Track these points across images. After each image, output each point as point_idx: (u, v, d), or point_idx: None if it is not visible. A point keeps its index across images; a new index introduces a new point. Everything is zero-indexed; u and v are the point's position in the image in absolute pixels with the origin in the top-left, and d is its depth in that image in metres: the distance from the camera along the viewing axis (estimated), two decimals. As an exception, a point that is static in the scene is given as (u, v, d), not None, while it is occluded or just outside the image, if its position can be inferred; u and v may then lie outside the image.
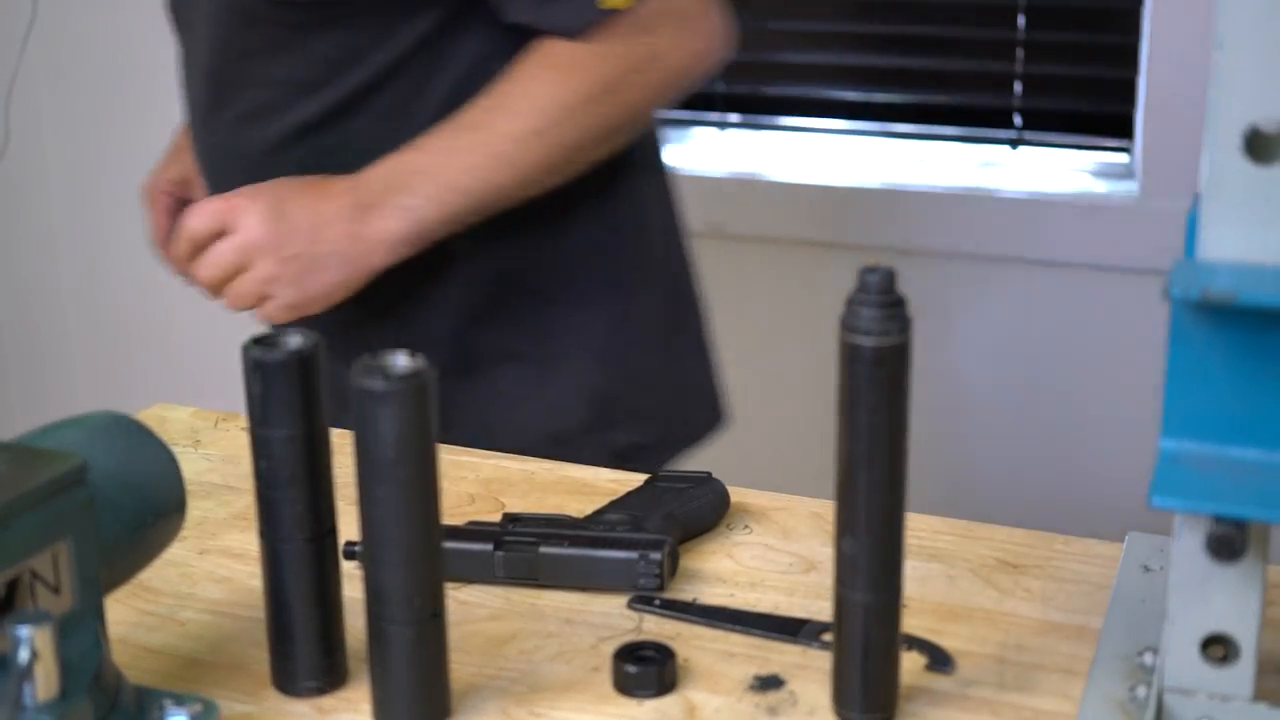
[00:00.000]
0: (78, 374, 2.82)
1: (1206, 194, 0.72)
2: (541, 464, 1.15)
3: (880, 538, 0.79)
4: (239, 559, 1.02)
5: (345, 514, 0.85)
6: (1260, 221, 0.71)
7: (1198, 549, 0.75)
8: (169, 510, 0.84)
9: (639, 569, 0.94)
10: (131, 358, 2.76)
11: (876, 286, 0.76)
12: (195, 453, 1.19)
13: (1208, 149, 0.71)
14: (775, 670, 0.87)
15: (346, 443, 0.79)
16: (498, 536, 0.97)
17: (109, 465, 0.79)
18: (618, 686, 0.86)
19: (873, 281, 0.76)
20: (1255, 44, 0.69)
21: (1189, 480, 0.74)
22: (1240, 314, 0.72)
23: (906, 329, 0.76)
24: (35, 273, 2.80)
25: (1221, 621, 0.76)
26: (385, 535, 0.78)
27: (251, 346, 0.82)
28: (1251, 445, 0.74)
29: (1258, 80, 0.69)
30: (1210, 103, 0.70)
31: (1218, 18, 0.69)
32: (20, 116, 2.69)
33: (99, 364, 2.80)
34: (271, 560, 0.84)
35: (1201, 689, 0.78)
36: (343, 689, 0.86)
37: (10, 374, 2.88)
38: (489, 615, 0.94)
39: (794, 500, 1.08)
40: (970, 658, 0.88)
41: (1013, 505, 2.13)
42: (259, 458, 0.83)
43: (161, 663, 0.89)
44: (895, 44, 2.22)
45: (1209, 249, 0.73)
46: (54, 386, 2.85)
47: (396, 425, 0.76)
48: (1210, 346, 0.73)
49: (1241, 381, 0.73)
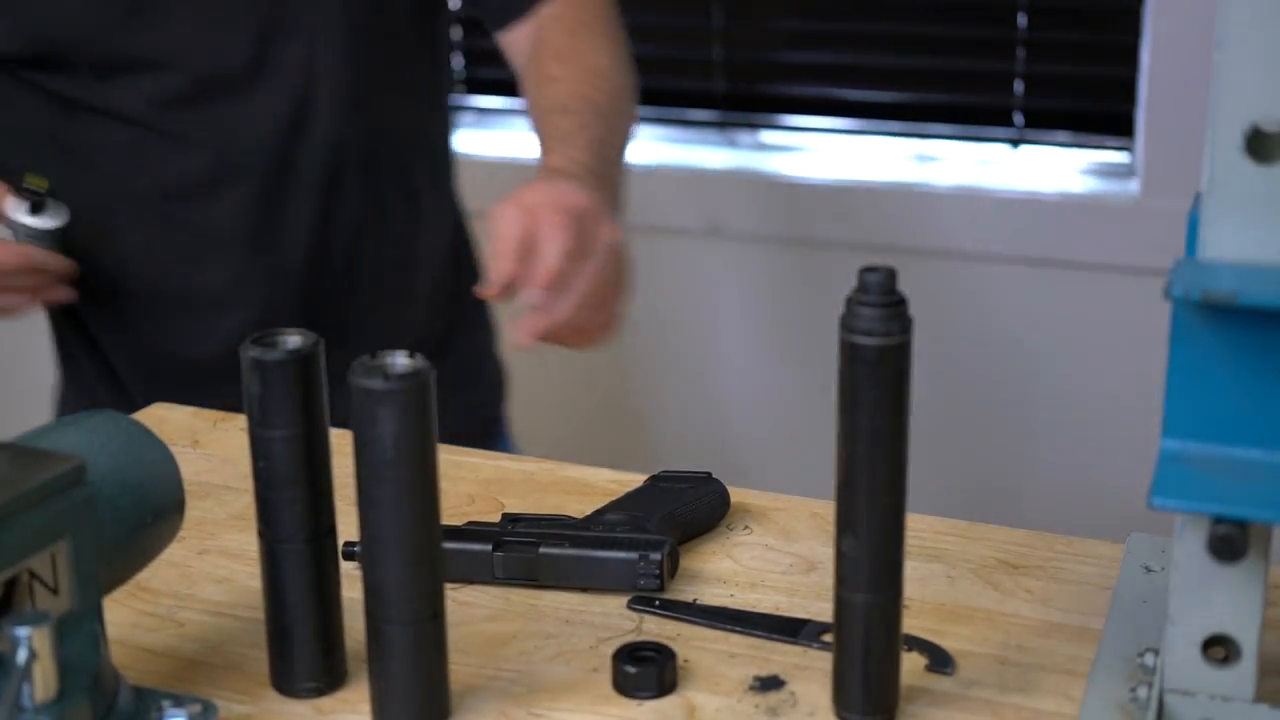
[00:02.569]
0: (77, 373, 2.82)
1: (1207, 193, 0.72)
2: (541, 464, 1.15)
3: (881, 538, 0.78)
4: (238, 559, 1.01)
5: (345, 514, 0.85)
6: (1261, 221, 0.71)
7: (1199, 550, 0.75)
8: (168, 510, 0.83)
9: (639, 569, 0.94)
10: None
11: (876, 286, 0.76)
12: (194, 453, 1.18)
13: (1209, 148, 0.71)
14: (775, 671, 0.87)
15: (346, 443, 0.79)
16: (497, 537, 0.97)
17: (108, 465, 0.79)
18: (617, 687, 0.85)
19: (873, 281, 0.76)
20: (1256, 43, 0.69)
21: (1190, 481, 0.73)
22: (1241, 314, 0.72)
23: (907, 329, 0.76)
24: (35, 272, 2.80)
25: (1223, 622, 0.76)
26: (385, 535, 0.78)
27: (250, 346, 0.81)
28: (1253, 446, 0.74)
29: (1259, 79, 0.69)
30: (1211, 102, 0.70)
31: (1218, 17, 0.69)
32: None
33: (98, 363, 2.80)
34: (270, 560, 0.84)
35: (1202, 690, 0.78)
36: (342, 690, 0.86)
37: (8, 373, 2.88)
38: (488, 616, 0.94)
39: (794, 500, 1.07)
40: (971, 658, 0.88)
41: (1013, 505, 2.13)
42: (258, 458, 0.82)
43: (160, 663, 0.89)
44: (895, 43, 2.22)
45: (1210, 249, 0.73)
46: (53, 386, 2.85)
47: (396, 425, 0.76)
48: (1211, 347, 0.73)
49: (1243, 382, 0.73)
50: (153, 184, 1.39)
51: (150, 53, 1.35)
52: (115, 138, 1.37)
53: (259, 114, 1.38)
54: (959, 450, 2.17)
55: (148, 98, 1.36)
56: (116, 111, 1.36)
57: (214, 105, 1.37)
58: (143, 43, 1.34)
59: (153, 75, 1.35)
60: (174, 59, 1.36)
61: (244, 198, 1.40)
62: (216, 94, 1.37)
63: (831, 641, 0.82)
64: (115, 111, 1.36)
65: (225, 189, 1.40)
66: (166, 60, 1.35)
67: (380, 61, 1.43)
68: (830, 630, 0.83)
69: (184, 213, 1.41)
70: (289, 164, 1.40)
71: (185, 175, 1.39)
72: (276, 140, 1.39)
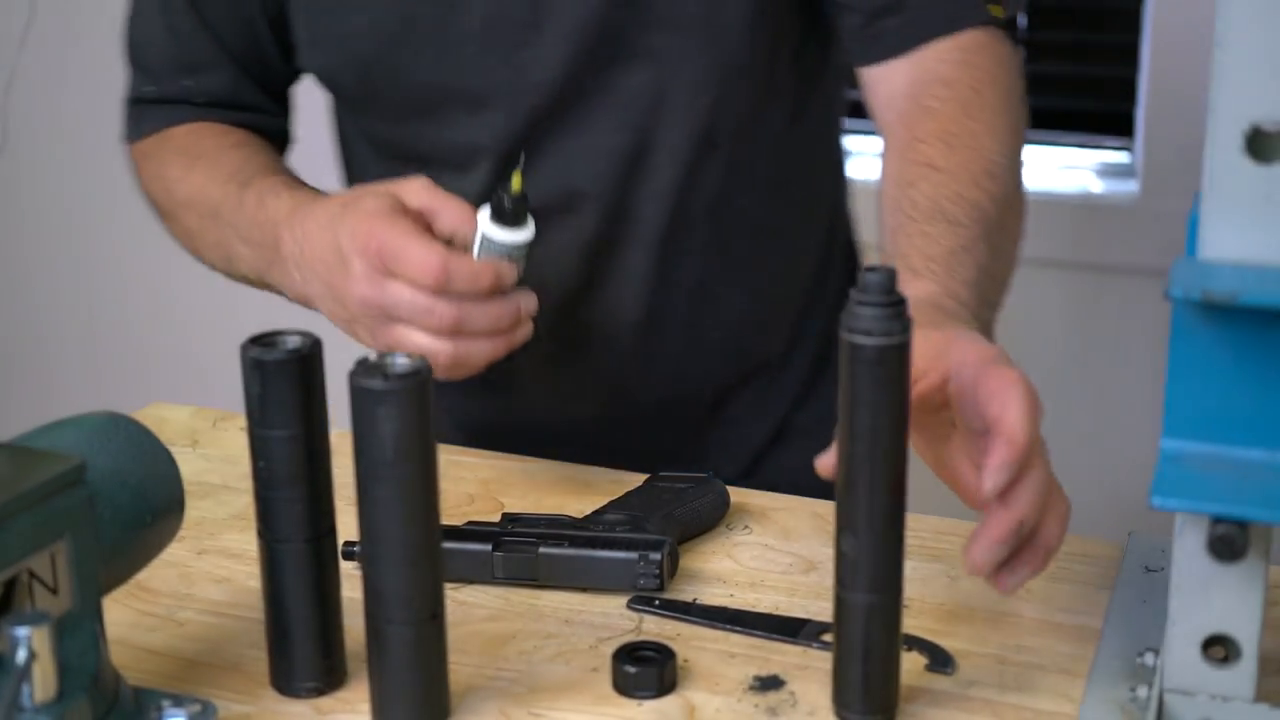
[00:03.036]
0: (75, 373, 2.82)
1: (1207, 193, 0.72)
2: (541, 464, 1.15)
3: (880, 538, 0.78)
4: (237, 559, 1.01)
5: (344, 514, 0.85)
6: (1261, 221, 0.71)
7: (1199, 549, 0.75)
8: (167, 510, 0.83)
9: (639, 569, 0.94)
10: (129, 357, 2.76)
11: (877, 286, 0.76)
12: (193, 453, 1.18)
13: (1209, 148, 0.71)
14: (775, 671, 0.87)
15: (346, 443, 0.79)
16: (497, 537, 0.97)
17: (107, 465, 0.79)
18: (617, 687, 0.85)
19: (873, 281, 0.76)
20: (1256, 43, 0.69)
21: (1190, 481, 0.73)
22: (1241, 314, 0.72)
23: (907, 329, 0.76)
24: (33, 272, 2.80)
25: (1223, 622, 0.76)
26: (384, 535, 0.78)
27: (250, 346, 0.81)
28: (1253, 445, 0.74)
29: (1259, 79, 0.69)
30: (1211, 102, 0.70)
31: (1218, 17, 0.69)
32: (18, 115, 2.69)
33: (97, 363, 2.80)
34: (270, 561, 0.84)
35: (1202, 690, 0.78)
36: (341, 690, 0.86)
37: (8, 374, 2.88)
38: (488, 616, 0.94)
39: (794, 500, 1.07)
40: (971, 658, 0.88)
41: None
42: (257, 458, 0.82)
43: (160, 663, 0.89)
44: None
45: (1210, 248, 0.73)
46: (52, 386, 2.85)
47: (396, 425, 0.76)
48: (1211, 346, 0.73)
49: (1243, 381, 0.73)
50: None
51: (472, 84, 1.14)
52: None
53: (591, 151, 1.15)
54: (959, 450, 2.16)
55: (466, 136, 1.16)
56: (432, 151, 1.17)
57: (541, 141, 1.14)
58: (463, 72, 1.14)
59: (482, 112, 1.15)
60: (496, 90, 1.14)
61: (571, 248, 1.17)
62: (545, 128, 1.14)
63: (831, 641, 0.82)
64: (430, 152, 1.17)
65: (552, 235, 1.12)
66: (487, 91, 1.14)
67: (749, 93, 1.16)
68: (830, 630, 0.83)
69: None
70: (624, 210, 1.17)
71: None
72: (610, 181, 1.16)
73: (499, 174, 1.14)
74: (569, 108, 1.14)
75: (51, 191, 2.74)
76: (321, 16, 1.17)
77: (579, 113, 1.14)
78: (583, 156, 1.15)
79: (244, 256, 1.11)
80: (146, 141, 1.25)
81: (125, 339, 2.76)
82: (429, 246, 0.94)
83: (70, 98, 2.66)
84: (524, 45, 1.12)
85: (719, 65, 1.13)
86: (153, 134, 1.24)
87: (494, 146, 1.15)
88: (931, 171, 1.03)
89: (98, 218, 2.71)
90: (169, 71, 1.24)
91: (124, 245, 2.70)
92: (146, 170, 1.24)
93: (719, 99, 1.14)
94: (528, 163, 1.01)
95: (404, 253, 0.94)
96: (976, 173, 1.03)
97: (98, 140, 2.66)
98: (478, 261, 0.96)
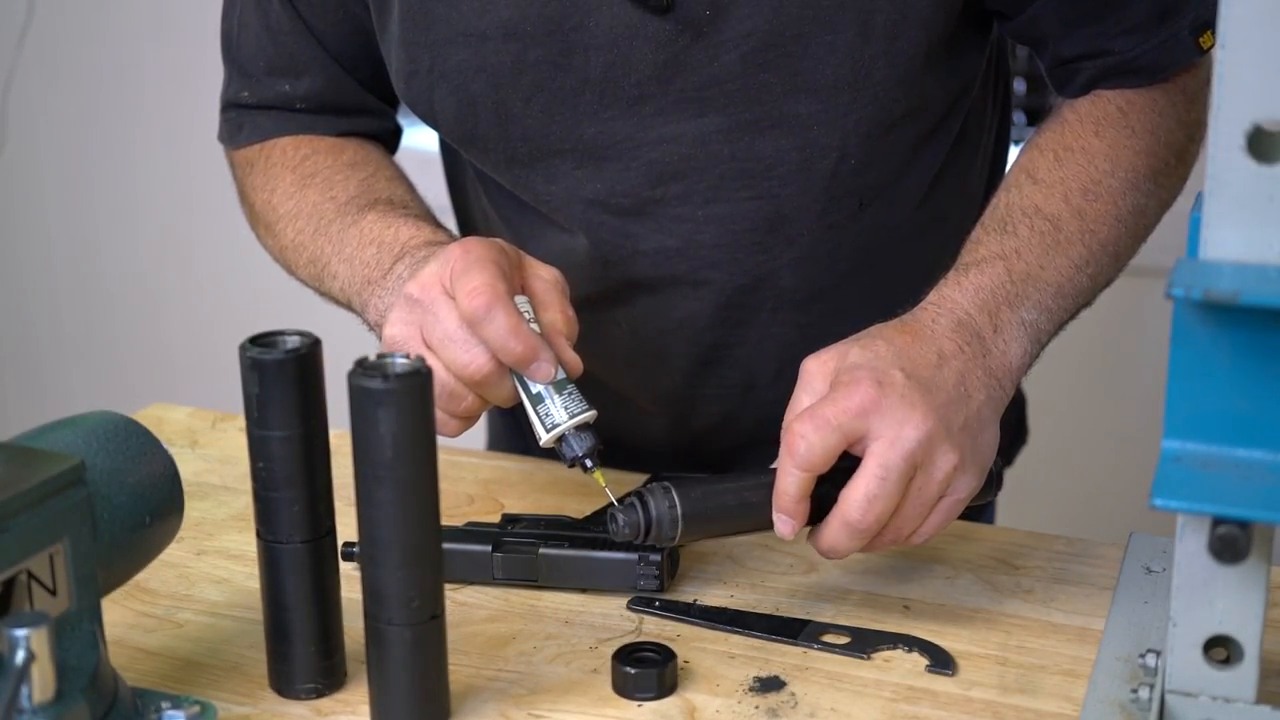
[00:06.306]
0: (74, 374, 2.82)
1: (1209, 193, 0.72)
2: (541, 464, 1.14)
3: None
4: (237, 560, 1.01)
5: (344, 514, 0.85)
6: (1263, 221, 0.71)
7: (1200, 550, 0.75)
8: (166, 511, 0.83)
9: (639, 570, 0.94)
10: (128, 357, 2.76)
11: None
12: (193, 453, 1.18)
13: (1210, 148, 0.71)
14: (775, 672, 0.87)
15: (345, 443, 0.79)
16: (496, 537, 0.97)
17: (106, 466, 0.79)
18: (617, 688, 0.85)
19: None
20: (1258, 43, 0.69)
21: (1191, 481, 0.73)
22: (1243, 314, 0.71)
23: (908, 329, 0.76)
24: (31, 272, 2.80)
25: (1224, 623, 0.76)
26: (384, 536, 0.78)
27: (249, 346, 0.81)
28: (1254, 446, 0.73)
29: (1260, 79, 0.69)
30: (1213, 101, 0.70)
31: (1220, 17, 0.69)
32: (16, 115, 2.69)
33: (95, 364, 2.80)
34: (269, 561, 0.84)
35: (1204, 691, 0.78)
36: (341, 691, 0.86)
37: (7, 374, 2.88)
38: (488, 616, 0.94)
39: (794, 501, 1.07)
40: (971, 659, 0.88)
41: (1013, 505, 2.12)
42: (257, 458, 0.82)
43: (159, 664, 0.89)
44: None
45: (1212, 248, 0.72)
46: (50, 386, 2.85)
47: (395, 425, 0.76)
48: (1213, 347, 0.73)
49: (1244, 382, 0.73)
50: (592, 293, 1.10)
51: (589, 138, 1.07)
52: (549, 244, 1.11)
53: (726, 216, 1.08)
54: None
55: (586, 194, 1.09)
56: (546, 207, 1.11)
57: (667, 207, 1.08)
58: (580, 126, 1.06)
59: (594, 166, 1.08)
60: (617, 146, 1.07)
61: (698, 314, 1.12)
62: (672, 193, 1.07)
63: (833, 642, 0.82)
64: (545, 208, 1.11)
65: (676, 302, 1.11)
66: (608, 147, 1.07)
67: (898, 154, 1.09)
68: (831, 630, 0.83)
69: (625, 321, 1.13)
70: (759, 278, 1.11)
71: (629, 284, 1.11)
72: (744, 249, 1.09)
73: (599, 231, 1.09)
74: (699, 172, 1.07)
75: (51, 191, 2.74)
76: (422, 52, 1.06)
77: (710, 179, 1.07)
78: (711, 224, 1.08)
79: (339, 275, 1.07)
80: (249, 149, 1.19)
81: (125, 339, 2.76)
82: (493, 285, 0.89)
83: (68, 98, 2.66)
84: (646, 100, 1.04)
85: (867, 126, 1.05)
86: (253, 143, 1.19)
87: (606, 202, 1.09)
88: (1028, 181, 1.03)
89: (97, 217, 2.71)
90: (266, 73, 1.17)
91: (124, 245, 2.70)
92: (250, 179, 1.19)
93: (867, 161, 1.07)
94: (648, 221, 1.04)
95: (466, 275, 0.90)
96: (1073, 189, 1.02)
97: (95, 140, 2.67)
98: (523, 330, 0.89)
